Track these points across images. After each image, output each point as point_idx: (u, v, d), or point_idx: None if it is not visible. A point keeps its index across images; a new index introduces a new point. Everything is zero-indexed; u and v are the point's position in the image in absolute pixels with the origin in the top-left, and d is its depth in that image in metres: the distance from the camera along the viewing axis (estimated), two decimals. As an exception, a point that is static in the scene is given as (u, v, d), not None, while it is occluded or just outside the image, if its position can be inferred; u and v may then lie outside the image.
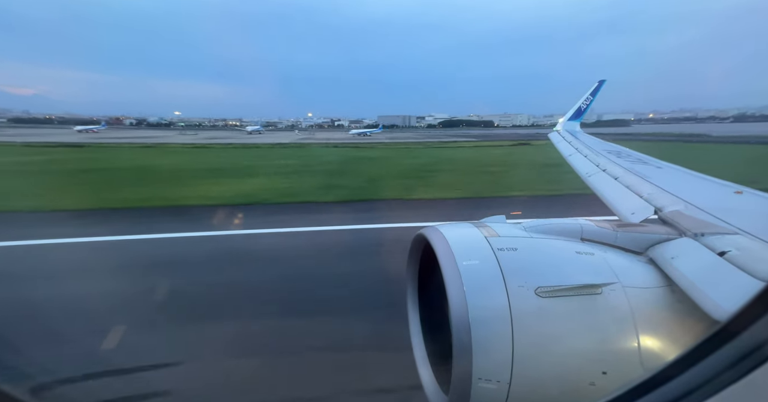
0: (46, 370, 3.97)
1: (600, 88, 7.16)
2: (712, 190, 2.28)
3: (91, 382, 3.84)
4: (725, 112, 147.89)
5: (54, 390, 3.75)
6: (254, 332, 4.73)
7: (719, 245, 1.34)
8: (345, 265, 6.78)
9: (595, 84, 7.22)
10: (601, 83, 7.16)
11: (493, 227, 1.45)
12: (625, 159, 3.69)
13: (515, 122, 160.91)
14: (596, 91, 7.15)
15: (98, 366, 4.11)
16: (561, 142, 5.59)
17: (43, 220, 9.98)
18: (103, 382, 3.89)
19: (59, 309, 5.27)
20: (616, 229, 1.51)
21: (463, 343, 1.13)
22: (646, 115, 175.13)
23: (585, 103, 7.09)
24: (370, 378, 3.95)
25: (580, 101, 7.14)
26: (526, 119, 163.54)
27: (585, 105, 7.08)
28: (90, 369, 4.05)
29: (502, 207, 11.35)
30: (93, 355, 4.26)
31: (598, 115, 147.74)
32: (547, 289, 1.19)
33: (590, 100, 7.11)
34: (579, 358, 1.17)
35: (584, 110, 7.02)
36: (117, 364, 4.11)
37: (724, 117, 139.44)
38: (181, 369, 4.11)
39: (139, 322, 4.86)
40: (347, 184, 15.26)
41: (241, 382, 3.83)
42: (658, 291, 1.26)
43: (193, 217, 10.26)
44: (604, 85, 7.15)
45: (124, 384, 3.92)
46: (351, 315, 5.06)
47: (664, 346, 1.17)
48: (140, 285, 5.98)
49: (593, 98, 7.13)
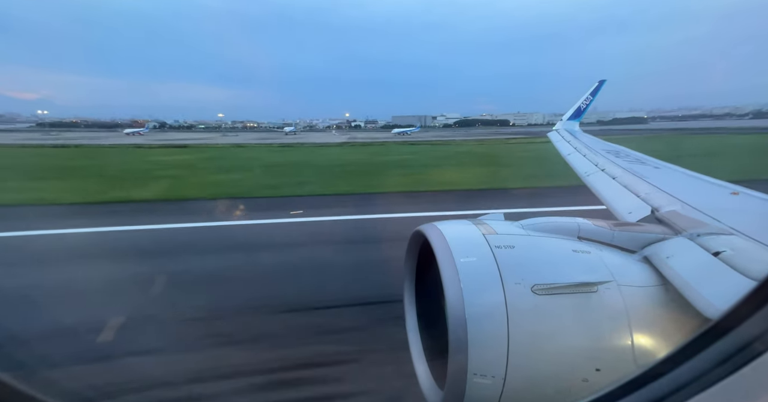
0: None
1: (600, 88, 7.15)
2: (709, 191, 2.29)
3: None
4: (741, 108, 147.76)
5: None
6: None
7: (714, 245, 1.35)
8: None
9: (596, 84, 7.21)
10: (602, 83, 7.15)
11: (491, 225, 1.46)
12: (623, 159, 3.70)
13: (530, 121, 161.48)
14: (596, 91, 7.14)
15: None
16: (560, 142, 5.59)
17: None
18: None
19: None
20: (613, 228, 1.52)
21: (459, 339, 1.14)
22: (658, 112, 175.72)
23: (585, 103, 7.08)
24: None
25: (580, 101, 7.13)
26: (541, 118, 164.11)
27: (585, 105, 7.07)
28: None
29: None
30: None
31: (612, 113, 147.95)
32: (543, 287, 1.20)
33: (590, 100, 7.10)
34: (573, 355, 1.18)
35: (584, 110, 7.02)
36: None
37: (741, 114, 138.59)
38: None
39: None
40: (537, 173, 16.11)
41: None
42: (653, 290, 1.27)
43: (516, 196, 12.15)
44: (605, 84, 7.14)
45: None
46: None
47: (658, 344, 1.18)
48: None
49: (593, 98, 7.13)
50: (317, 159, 27.00)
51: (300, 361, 3.89)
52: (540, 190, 12.60)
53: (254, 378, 3.72)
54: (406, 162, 23.39)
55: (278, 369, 3.81)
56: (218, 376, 3.70)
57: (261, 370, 3.79)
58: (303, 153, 33.25)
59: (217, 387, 3.56)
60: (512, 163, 23.22)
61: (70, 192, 13.61)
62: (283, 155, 30.84)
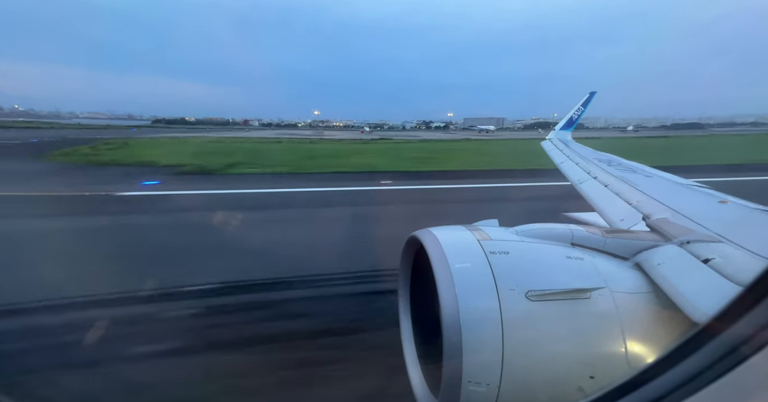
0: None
1: (591, 99, 7.33)
2: (698, 199, 2.33)
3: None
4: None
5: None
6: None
7: (704, 253, 1.37)
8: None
9: (587, 95, 7.38)
10: (592, 94, 7.33)
11: (486, 231, 1.47)
12: (615, 167, 3.76)
13: (596, 125, 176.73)
14: (587, 102, 7.31)
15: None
16: (553, 150, 5.67)
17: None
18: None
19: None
20: (605, 235, 1.54)
21: (453, 346, 1.14)
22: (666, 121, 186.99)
23: (576, 114, 7.23)
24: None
25: (572, 111, 7.27)
26: (603, 122, 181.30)
27: (576, 115, 7.22)
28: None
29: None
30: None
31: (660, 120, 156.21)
32: (537, 293, 1.21)
33: (581, 111, 7.25)
34: (567, 362, 1.18)
35: (576, 120, 7.16)
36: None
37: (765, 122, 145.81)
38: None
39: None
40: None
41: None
42: (644, 296, 1.28)
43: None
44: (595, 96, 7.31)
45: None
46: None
47: (651, 351, 1.19)
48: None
49: (584, 109, 7.28)
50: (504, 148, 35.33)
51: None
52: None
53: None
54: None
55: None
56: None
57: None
58: (491, 144, 42.65)
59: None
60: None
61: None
62: (479, 145, 40.03)
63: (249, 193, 11.84)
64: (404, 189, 12.95)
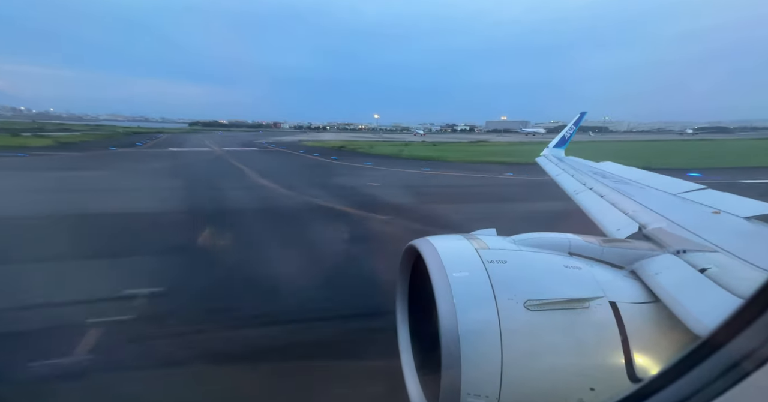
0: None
1: (582, 119, 7.64)
2: (692, 210, 2.35)
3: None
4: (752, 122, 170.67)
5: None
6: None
7: (700, 262, 1.38)
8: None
9: (578, 115, 7.68)
10: (583, 114, 7.65)
11: (484, 239, 1.46)
12: (609, 179, 3.79)
13: (620, 128, 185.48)
14: (578, 122, 7.64)
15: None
16: (548, 164, 5.74)
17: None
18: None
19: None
20: (602, 244, 1.54)
21: (452, 356, 1.12)
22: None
23: (569, 133, 7.48)
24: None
25: (564, 131, 7.52)
26: (626, 125, 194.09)
27: (569, 134, 7.45)
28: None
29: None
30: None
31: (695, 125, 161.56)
32: (535, 303, 1.20)
33: (573, 130, 7.50)
34: (567, 373, 1.16)
35: (568, 139, 7.38)
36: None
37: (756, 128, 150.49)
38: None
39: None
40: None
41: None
42: (642, 306, 1.28)
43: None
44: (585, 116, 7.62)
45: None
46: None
47: (651, 362, 1.17)
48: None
49: (576, 128, 7.55)
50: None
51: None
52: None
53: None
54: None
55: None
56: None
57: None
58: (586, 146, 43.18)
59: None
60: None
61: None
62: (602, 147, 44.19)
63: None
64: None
